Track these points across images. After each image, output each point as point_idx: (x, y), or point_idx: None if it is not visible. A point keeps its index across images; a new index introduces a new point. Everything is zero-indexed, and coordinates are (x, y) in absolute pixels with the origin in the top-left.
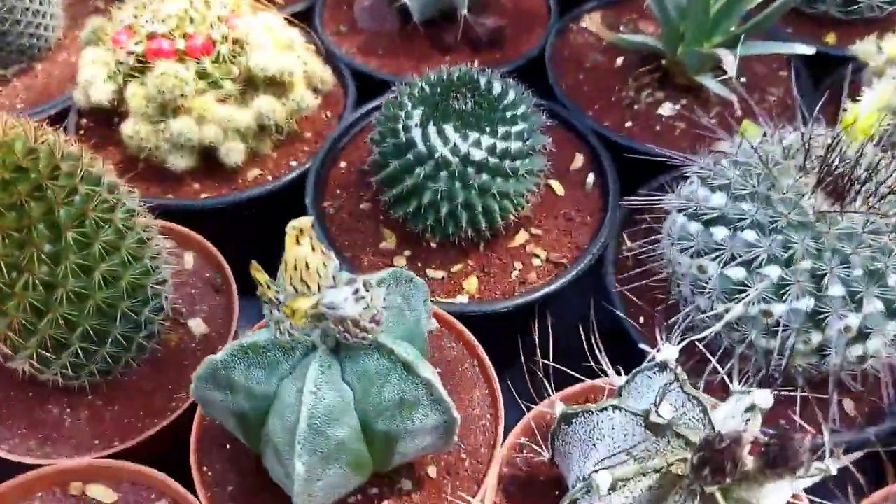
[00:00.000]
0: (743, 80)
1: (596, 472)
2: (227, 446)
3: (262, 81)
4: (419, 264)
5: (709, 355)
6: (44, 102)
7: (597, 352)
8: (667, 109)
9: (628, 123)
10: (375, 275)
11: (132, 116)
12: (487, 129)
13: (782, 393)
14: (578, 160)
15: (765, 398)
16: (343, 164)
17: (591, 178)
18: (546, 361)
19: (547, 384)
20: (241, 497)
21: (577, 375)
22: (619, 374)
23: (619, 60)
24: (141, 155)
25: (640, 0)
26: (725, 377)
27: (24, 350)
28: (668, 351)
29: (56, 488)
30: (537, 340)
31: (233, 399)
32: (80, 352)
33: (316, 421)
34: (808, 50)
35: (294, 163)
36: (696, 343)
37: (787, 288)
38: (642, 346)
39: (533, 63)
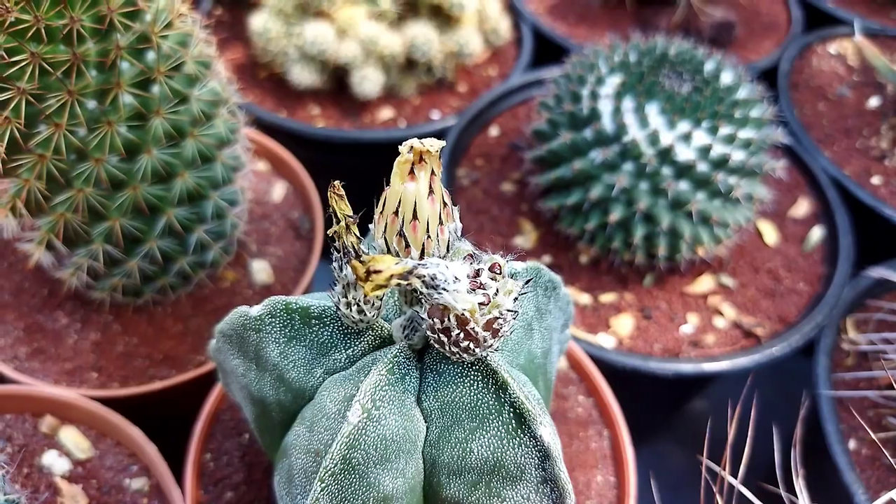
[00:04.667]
0: None
1: None
2: (246, 436)
3: (425, 6)
4: (560, 278)
5: None
6: None
7: (794, 478)
8: None
9: (875, 180)
10: (508, 262)
11: (266, 9)
12: (704, 124)
13: None
14: (802, 206)
15: None
16: (494, 132)
17: (816, 233)
18: (712, 465)
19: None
20: None
21: (751, 499)
22: None
23: (874, 101)
24: (265, 58)
25: None
26: None
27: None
28: None
29: (27, 416)
30: (708, 434)
31: (257, 377)
32: (136, 273)
33: (359, 453)
34: None
35: (436, 115)
36: None
37: None
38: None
39: (760, 77)
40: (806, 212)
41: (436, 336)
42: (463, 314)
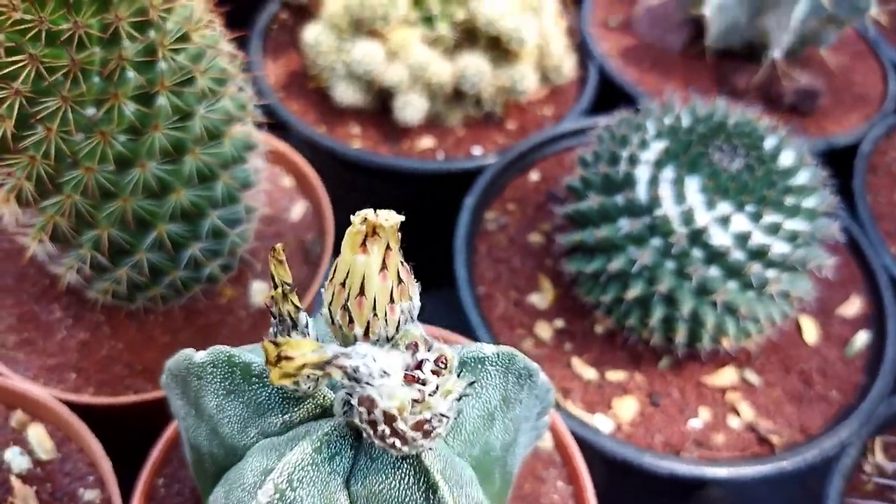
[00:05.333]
0: None
1: None
2: None
3: (482, 37)
4: (567, 346)
5: None
6: None
7: None
8: None
9: None
10: (474, 346)
11: (322, 22)
12: (748, 209)
13: None
14: (853, 306)
15: None
16: (535, 176)
17: (862, 337)
18: None
19: None
20: None
21: None
22: None
23: None
24: (314, 71)
25: None
26: None
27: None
28: None
29: (1, 407)
30: None
31: (195, 424)
32: (125, 281)
33: None
34: None
35: (478, 150)
36: None
37: None
38: None
39: (836, 154)
40: (856, 312)
41: (363, 426)
42: (390, 412)
